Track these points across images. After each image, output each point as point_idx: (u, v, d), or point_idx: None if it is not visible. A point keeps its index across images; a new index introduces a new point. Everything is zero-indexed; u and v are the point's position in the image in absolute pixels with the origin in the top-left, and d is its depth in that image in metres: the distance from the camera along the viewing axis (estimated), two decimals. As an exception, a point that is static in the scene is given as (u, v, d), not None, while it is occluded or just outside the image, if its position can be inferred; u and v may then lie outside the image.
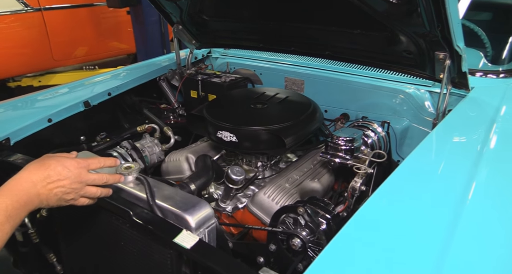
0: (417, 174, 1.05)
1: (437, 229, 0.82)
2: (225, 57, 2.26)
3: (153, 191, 1.02)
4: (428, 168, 1.07)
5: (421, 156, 1.11)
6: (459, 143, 1.21)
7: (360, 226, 0.84)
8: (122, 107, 1.96)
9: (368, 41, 1.45)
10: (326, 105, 1.93)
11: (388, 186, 0.98)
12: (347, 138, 1.37)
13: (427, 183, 1.00)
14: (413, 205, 0.91)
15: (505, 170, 1.04)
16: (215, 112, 1.58)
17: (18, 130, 1.43)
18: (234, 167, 1.41)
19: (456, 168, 1.04)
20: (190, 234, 0.90)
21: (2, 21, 3.95)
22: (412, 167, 1.07)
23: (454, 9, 1.06)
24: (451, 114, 1.37)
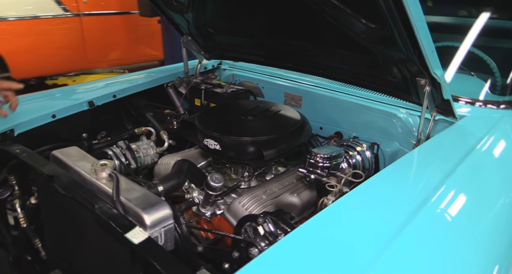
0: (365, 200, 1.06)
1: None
2: (232, 69, 2.35)
3: (119, 188, 1.09)
4: (377, 194, 1.08)
5: (378, 180, 1.13)
6: (420, 172, 1.21)
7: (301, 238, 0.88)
8: (127, 109, 2.08)
9: (355, 63, 1.48)
10: (321, 123, 1.95)
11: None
12: (324, 155, 1.39)
13: (367, 211, 1.01)
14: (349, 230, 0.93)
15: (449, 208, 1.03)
16: (205, 120, 1.65)
17: (23, 123, 1.57)
18: (214, 174, 1.46)
19: (404, 198, 1.05)
20: (141, 231, 0.96)
21: (44, 24, 4.28)
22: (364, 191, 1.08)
23: (425, 36, 1.07)
24: (429, 142, 1.36)
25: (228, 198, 1.61)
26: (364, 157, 1.63)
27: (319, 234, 0.91)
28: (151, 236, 1.01)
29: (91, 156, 1.31)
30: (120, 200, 1.05)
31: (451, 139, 1.42)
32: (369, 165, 1.66)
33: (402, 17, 1.04)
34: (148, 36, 5.28)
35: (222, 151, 1.51)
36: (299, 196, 1.56)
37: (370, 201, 1.07)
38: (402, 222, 0.93)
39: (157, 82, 2.17)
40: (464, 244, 0.93)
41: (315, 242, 0.87)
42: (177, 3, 1.82)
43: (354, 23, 1.22)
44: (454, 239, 0.94)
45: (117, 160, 1.69)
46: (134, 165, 1.74)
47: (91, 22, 4.63)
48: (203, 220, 1.56)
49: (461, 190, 1.14)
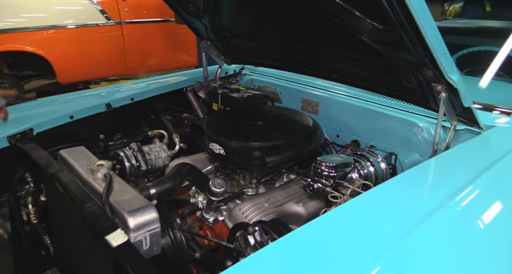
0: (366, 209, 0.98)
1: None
2: (252, 74, 2.32)
3: (111, 189, 1.09)
4: (380, 204, 0.99)
5: (383, 190, 1.04)
6: (431, 183, 1.10)
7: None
8: (146, 112, 2.12)
9: (368, 67, 1.39)
10: (338, 130, 1.87)
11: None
12: (330, 164, 1.32)
13: (366, 222, 0.93)
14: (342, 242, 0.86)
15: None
16: (214, 124, 1.63)
17: (42, 123, 1.64)
18: (216, 179, 1.44)
19: (409, 211, 0.96)
20: (122, 234, 0.95)
21: (88, 32, 4.54)
22: (366, 200, 1.00)
23: (435, 38, 0.98)
24: (447, 152, 1.24)
25: (232, 204, 1.58)
26: (377, 167, 1.52)
27: (309, 242, 0.85)
28: (135, 239, 1.00)
29: (94, 157, 1.33)
30: (109, 201, 1.05)
31: (472, 150, 1.29)
32: (383, 176, 1.55)
33: (407, 18, 0.96)
34: (184, 43, 5.41)
35: (226, 155, 1.48)
36: (305, 206, 1.49)
37: (371, 211, 0.99)
38: (402, 236, 0.85)
39: (176, 86, 2.20)
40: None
41: (303, 250, 0.82)
42: (194, 7, 1.84)
43: (361, 24, 1.15)
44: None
45: (128, 162, 1.71)
46: (144, 167, 1.75)
47: (131, 30, 4.84)
48: (206, 226, 1.53)
49: (476, 205, 1.03)
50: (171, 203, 1.65)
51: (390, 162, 1.62)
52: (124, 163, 1.71)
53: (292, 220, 1.48)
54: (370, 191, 1.09)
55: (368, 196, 1.07)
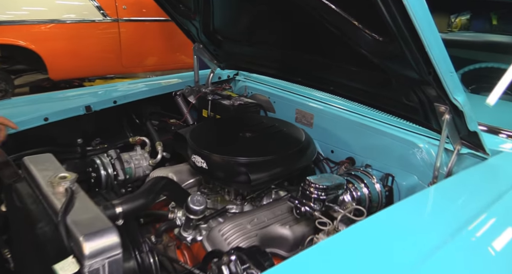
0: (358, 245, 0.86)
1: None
2: (245, 81, 2.21)
3: (70, 207, 0.97)
4: (373, 239, 0.87)
5: (377, 221, 0.92)
6: (430, 217, 0.98)
7: None
8: (130, 116, 2.00)
9: (366, 81, 1.28)
10: (333, 146, 1.75)
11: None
12: (320, 186, 1.20)
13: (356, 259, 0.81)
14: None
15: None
16: (198, 135, 1.51)
17: (12, 124, 1.51)
18: (195, 196, 1.31)
19: (404, 248, 0.84)
20: (73, 263, 0.83)
21: (82, 28, 4.42)
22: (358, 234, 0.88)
23: (439, 54, 0.86)
24: (448, 180, 1.12)
25: (214, 222, 1.45)
26: (372, 190, 1.41)
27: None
28: (90, 268, 0.87)
29: (61, 166, 1.21)
30: (66, 221, 0.93)
31: (477, 178, 1.17)
32: (378, 200, 1.43)
33: (409, 29, 0.84)
34: (183, 43, 5.23)
35: (209, 169, 1.36)
36: (292, 229, 1.36)
37: (363, 247, 0.87)
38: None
39: (164, 90, 2.08)
40: None
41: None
42: (184, 7, 1.72)
43: (359, 34, 1.03)
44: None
45: (104, 170, 1.59)
46: (122, 176, 1.63)
47: (128, 27, 4.72)
48: (183, 245, 1.41)
49: (482, 243, 0.91)
50: (148, 217, 1.53)
51: (386, 183, 1.51)
52: (99, 171, 1.58)
53: (277, 244, 1.36)
54: (363, 222, 0.97)
55: (360, 227, 0.95)
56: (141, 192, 1.11)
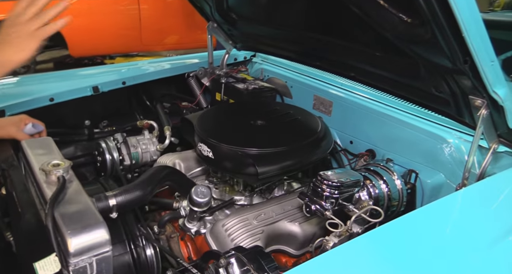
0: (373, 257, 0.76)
1: None
2: (262, 63, 2.08)
3: (61, 197, 0.90)
4: (392, 252, 0.77)
5: (400, 228, 0.81)
6: (460, 228, 0.85)
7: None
8: (141, 98, 1.93)
9: (391, 68, 1.13)
10: (352, 136, 1.62)
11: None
12: (332, 183, 1.09)
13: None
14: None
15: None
16: (206, 121, 1.42)
17: (15, 104, 1.46)
18: (199, 187, 1.23)
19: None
20: (55, 262, 0.77)
21: (103, 5, 4.35)
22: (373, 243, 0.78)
23: (479, 39, 0.72)
24: (481, 183, 0.99)
25: (221, 214, 1.38)
26: (392, 187, 1.28)
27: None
28: (76, 266, 0.81)
29: (58, 152, 1.14)
30: (53, 213, 0.87)
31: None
32: (399, 198, 1.31)
33: (443, 9, 0.70)
34: (204, 22, 5.15)
35: (215, 159, 1.27)
36: (302, 226, 1.27)
37: (378, 259, 0.77)
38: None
39: (177, 71, 1.98)
40: None
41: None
42: (197, -17, 1.60)
43: (384, 14, 0.89)
44: None
45: (109, 154, 1.53)
46: (128, 162, 1.57)
47: (148, 4, 4.62)
48: (187, 237, 1.35)
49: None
50: (153, 205, 1.47)
51: (409, 180, 1.38)
52: (105, 155, 1.53)
53: (285, 241, 1.28)
54: (380, 228, 0.87)
55: (376, 234, 0.85)
56: (137, 183, 1.04)
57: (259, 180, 1.16)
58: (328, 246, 1.06)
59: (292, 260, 1.31)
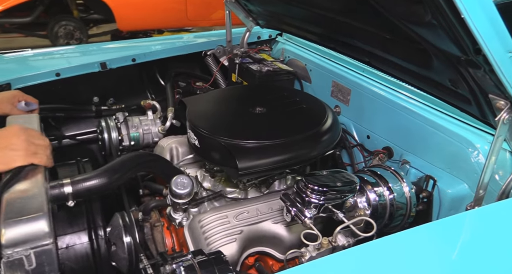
0: None
1: None
2: (285, 43, 1.90)
3: (13, 183, 0.86)
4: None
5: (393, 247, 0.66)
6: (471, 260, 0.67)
7: None
8: (154, 76, 1.86)
9: (404, 54, 0.93)
10: (370, 130, 1.42)
11: None
12: (316, 187, 0.94)
13: None
14: None
15: None
16: (200, 106, 1.31)
17: (21, 78, 1.47)
18: (180, 177, 1.15)
19: None
20: (-18, 251, 0.72)
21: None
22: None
23: (485, 24, 0.51)
24: (502, 204, 0.78)
25: (209, 205, 1.29)
26: (398, 196, 1.09)
27: None
28: (11, 257, 0.77)
29: (38, 131, 1.11)
30: (1, 199, 0.83)
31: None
32: (406, 208, 1.11)
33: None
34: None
35: (200, 148, 1.17)
36: (289, 228, 1.14)
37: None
38: None
39: (193, 49, 1.88)
40: None
41: None
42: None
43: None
44: None
45: (107, 133, 1.50)
46: (127, 142, 1.53)
47: (195, -22, 4.54)
48: (173, 227, 1.28)
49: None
50: (146, 189, 1.43)
51: (425, 187, 1.17)
52: (103, 134, 1.50)
53: (270, 244, 1.16)
54: (367, 245, 0.73)
55: (361, 252, 0.71)
56: (101, 171, 0.98)
57: (240, 176, 1.04)
58: (304, 258, 0.92)
59: (279, 264, 1.19)
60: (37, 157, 0.90)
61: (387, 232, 1.12)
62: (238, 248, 1.07)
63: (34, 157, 0.90)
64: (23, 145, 0.89)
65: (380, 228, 1.08)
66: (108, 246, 1.05)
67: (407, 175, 1.21)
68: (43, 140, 0.95)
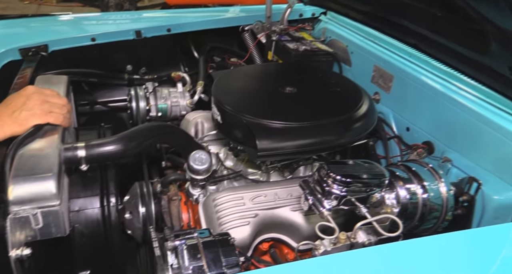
0: None
1: None
2: (327, 22, 1.78)
3: (27, 141, 0.86)
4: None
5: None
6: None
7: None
8: (189, 48, 1.82)
9: (456, 34, 0.80)
10: (410, 122, 1.30)
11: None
12: (339, 177, 0.86)
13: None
14: None
15: None
16: (228, 81, 1.25)
17: (58, 40, 1.48)
18: (198, 152, 1.10)
19: None
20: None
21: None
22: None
23: None
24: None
25: (228, 184, 1.24)
26: (432, 196, 0.98)
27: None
28: (17, 214, 0.76)
29: (64, 91, 1.10)
30: (14, 156, 0.82)
31: None
32: (441, 210, 1.00)
33: None
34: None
35: (222, 124, 1.12)
36: (308, 217, 1.07)
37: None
38: None
39: (230, 23, 1.81)
40: None
41: None
42: None
43: None
44: None
45: (135, 103, 1.48)
46: (154, 113, 1.51)
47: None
48: (189, 203, 1.25)
49: None
50: (169, 161, 1.40)
51: (468, 190, 1.05)
52: (131, 102, 1.48)
53: (286, 231, 1.10)
54: (391, 246, 0.65)
55: (381, 253, 0.64)
56: (117, 138, 0.95)
57: (259, 157, 0.98)
58: (317, 252, 0.85)
59: (294, 253, 1.13)
60: (52, 115, 0.89)
61: (416, 234, 1.01)
62: (251, 232, 1.02)
63: (49, 115, 0.88)
64: (37, 104, 0.87)
65: (409, 229, 0.98)
66: (120, 214, 1.03)
67: (447, 174, 1.09)
68: (59, 99, 0.93)
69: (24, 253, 0.71)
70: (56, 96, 0.94)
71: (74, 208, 0.96)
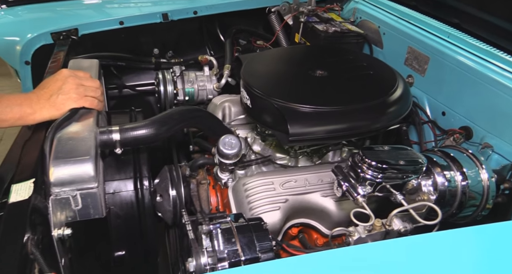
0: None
1: None
2: (358, 1, 1.71)
3: (64, 125, 0.87)
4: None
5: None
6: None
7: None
8: (215, 31, 1.80)
9: (504, 10, 0.75)
10: (446, 106, 1.25)
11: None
12: (374, 163, 0.83)
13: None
14: None
15: None
16: (257, 64, 1.22)
17: (87, 24, 1.49)
18: (228, 136, 1.10)
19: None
20: (30, 188, 0.74)
21: None
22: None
23: None
24: None
25: (257, 170, 1.24)
26: (472, 183, 0.94)
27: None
28: (58, 196, 0.78)
29: (95, 74, 1.11)
30: (53, 138, 0.84)
31: None
32: (481, 198, 0.96)
33: None
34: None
35: (252, 109, 1.10)
36: (339, 203, 1.06)
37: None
38: None
39: (257, 4, 1.77)
40: None
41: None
42: None
43: None
44: None
45: (163, 86, 1.48)
46: (181, 97, 1.51)
47: None
48: (218, 186, 1.26)
49: None
50: (196, 146, 1.41)
51: (510, 178, 1.01)
52: (160, 86, 1.48)
53: (316, 217, 1.09)
54: (427, 236, 0.64)
55: (418, 243, 0.62)
56: (149, 121, 0.95)
57: (290, 142, 0.96)
58: (351, 238, 0.84)
59: (323, 239, 1.13)
60: (88, 99, 0.90)
61: (454, 222, 0.99)
62: (281, 217, 1.02)
63: (84, 99, 0.89)
64: (73, 87, 0.88)
65: (446, 217, 0.96)
66: (152, 197, 1.05)
67: (488, 160, 1.04)
68: (93, 82, 0.94)
69: (65, 232, 0.73)
70: (90, 79, 0.95)
71: (109, 190, 0.98)
